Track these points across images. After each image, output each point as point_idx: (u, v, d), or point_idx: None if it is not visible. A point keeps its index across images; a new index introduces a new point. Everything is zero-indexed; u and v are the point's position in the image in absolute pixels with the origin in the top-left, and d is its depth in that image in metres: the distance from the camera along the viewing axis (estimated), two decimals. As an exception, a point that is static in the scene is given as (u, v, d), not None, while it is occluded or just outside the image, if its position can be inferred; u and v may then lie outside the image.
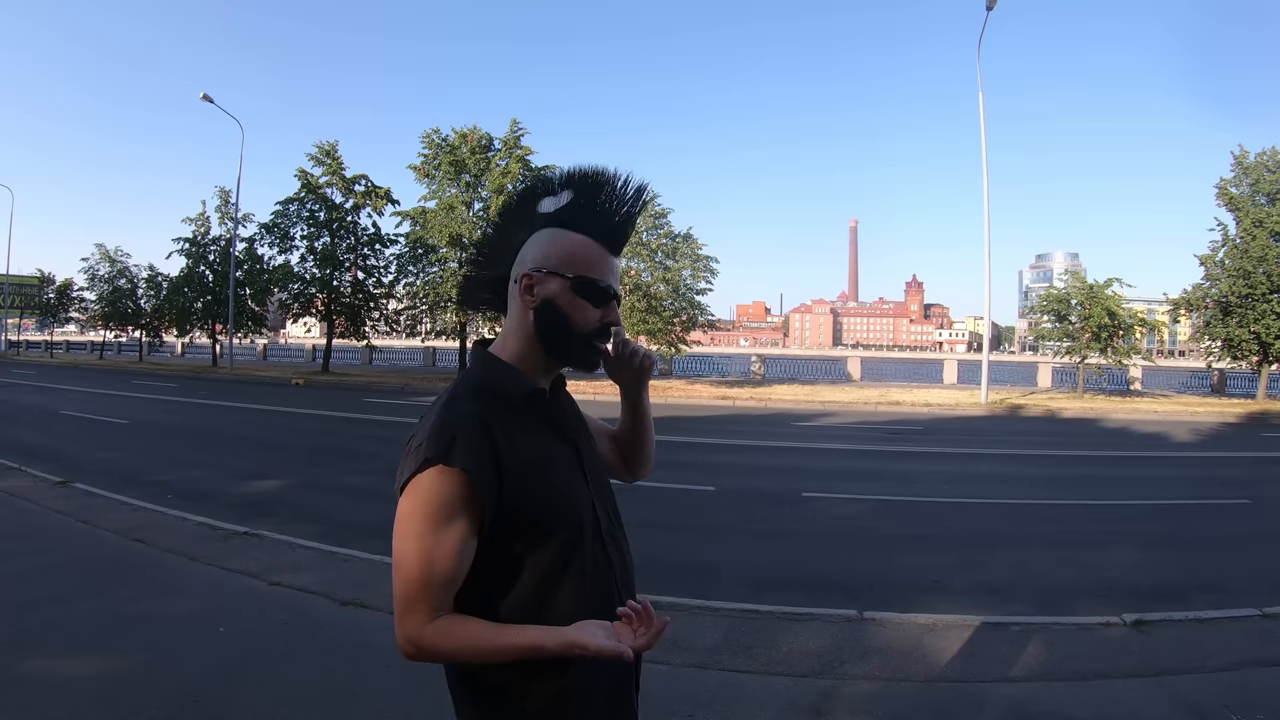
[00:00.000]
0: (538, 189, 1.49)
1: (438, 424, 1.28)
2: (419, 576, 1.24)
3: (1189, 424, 20.15)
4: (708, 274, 30.33)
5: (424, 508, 1.24)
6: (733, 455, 13.65)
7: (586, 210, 1.44)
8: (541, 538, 1.33)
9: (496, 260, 1.50)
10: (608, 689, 1.44)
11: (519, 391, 1.39)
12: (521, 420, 1.37)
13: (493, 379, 1.39)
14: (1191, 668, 4.50)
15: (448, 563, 1.25)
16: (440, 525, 1.24)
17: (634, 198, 1.46)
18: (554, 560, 1.34)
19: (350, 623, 5.00)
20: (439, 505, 1.24)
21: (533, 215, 1.47)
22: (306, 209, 34.17)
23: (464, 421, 1.28)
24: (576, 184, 1.45)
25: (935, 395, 25.88)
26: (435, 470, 1.24)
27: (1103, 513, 9.05)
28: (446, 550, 1.25)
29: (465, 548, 1.27)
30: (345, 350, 42.16)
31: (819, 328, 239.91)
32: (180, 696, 3.86)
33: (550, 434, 1.42)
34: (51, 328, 58.69)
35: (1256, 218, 26.34)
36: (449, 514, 1.24)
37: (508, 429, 1.32)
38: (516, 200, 1.51)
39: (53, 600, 5.19)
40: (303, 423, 17.64)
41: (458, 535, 1.26)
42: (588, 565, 1.39)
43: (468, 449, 1.25)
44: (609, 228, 1.45)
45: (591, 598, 1.38)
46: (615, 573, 1.47)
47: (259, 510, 8.14)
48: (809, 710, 3.91)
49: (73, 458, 11.23)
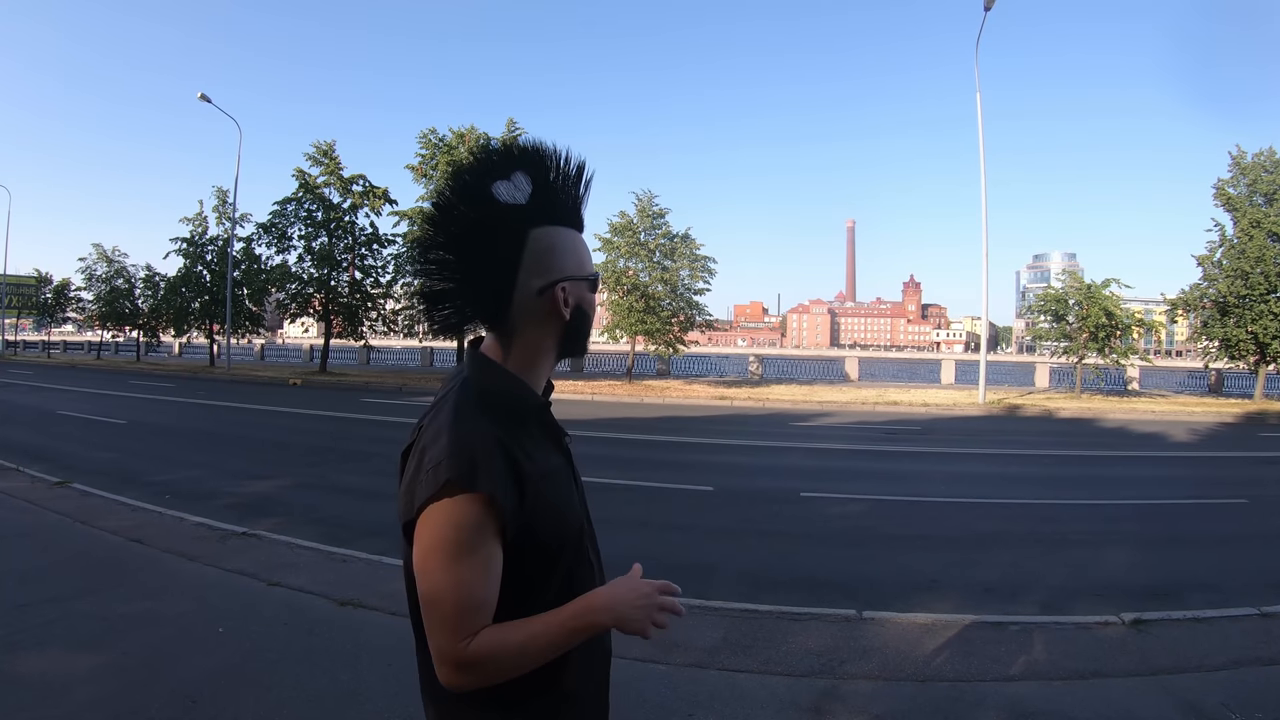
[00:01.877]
0: (482, 172, 1.34)
1: (454, 444, 1.22)
2: (454, 608, 1.20)
3: (1186, 424, 20.19)
4: (705, 274, 30.30)
5: (454, 534, 1.19)
6: (731, 455, 13.65)
7: (551, 197, 1.36)
8: (554, 550, 1.32)
9: (482, 266, 1.33)
10: (594, 691, 1.43)
11: (530, 406, 1.36)
12: (531, 435, 1.34)
13: (500, 391, 1.33)
14: (1190, 667, 4.51)
15: (483, 588, 1.21)
16: (472, 552, 1.20)
17: (578, 177, 1.40)
18: (564, 570, 1.34)
19: (349, 623, 4.99)
20: (469, 532, 1.19)
21: (490, 203, 1.32)
22: (304, 209, 34.08)
23: (481, 441, 1.23)
24: (527, 165, 1.35)
25: (933, 395, 25.89)
26: (461, 497, 1.19)
27: (1100, 512, 9.06)
28: (480, 576, 1.21)
29: (496, 568, 1.23)
30: (343, 350, 42.14)
31: (816, 328, 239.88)
32: (179, 697, 3.86)
33: (551, 445, 1.40)
34: (49, 328, 58.73)
35: (1254, 218, 26.38)
36: (479, 539, 1.20)
37: (521, 445, 1.29)
38: (466, 190, 1.34)
39: (51, 601, 5.19)
40: (300, 423, 17.62)
41: (489, 558, 1.22)
42: (584, 570, 1.39)
43: (490, 471, 1.21)
44: (576, 213, 1.41)
45: None
46: (596, 573, 1.45)
47: (257, 510, 8.14)
48: (808, 709, 3.92)
49: (70, 458, 11.22)
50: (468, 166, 1.37)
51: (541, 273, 1.34)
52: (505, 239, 1.33)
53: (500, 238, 1.33)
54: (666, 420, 18.51)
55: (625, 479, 10.04)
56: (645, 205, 29.87)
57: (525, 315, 1.35)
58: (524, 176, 1.34)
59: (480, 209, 1.32)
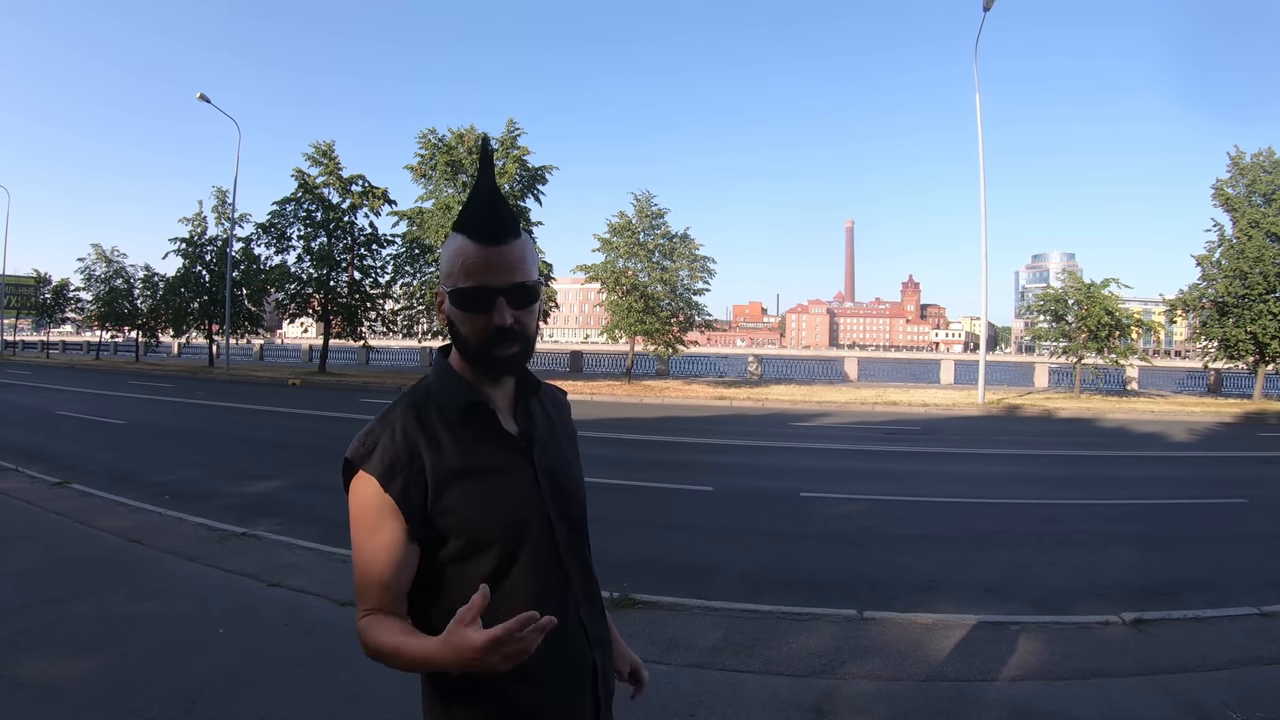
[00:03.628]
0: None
1: (368, 429, 1.35)
2: (358, 573, 1.32)
3: (1186, 424, 20.19)
4: (705, 274, 30.29)
5: (354, 509, 1.32)
6: (730, 455, 13.65)
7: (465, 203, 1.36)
8: (471, 550, 1.32)
9: None
10: (565, 703, 1.40)
11: (455, 403, 1.38)
12: (457, 431, 1.36)
13: (436, 389, 1.41)
14: (1190, 666, 4.51)
15: (378, 565, 1.30)
16: (368, 528, 1.30)
17: (482, 172, 1.36)
18: (489, 573, 1.31)
19: (349, 623, 4.95)
20: (363, 508, 1.31)
21: None
22: (303, 209, 34.08)
23: (390, 430, 1.33)
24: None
25: (932, 395, 25.90)
26: (358, 475, 1.31)
27: (1100, 512, 9.06)
28: (376, 552, 1.30)
29: (396, 554, 1.30)
30: (342, 350, 42.12)
31: (816, 328, 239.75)
32: (179, 698, 3.85)
33: (492, 444, 1.38)
34: (48, 328, 58.76)
35: (1252, 218, 26.42)
36: (374, 518, 1.30)
37: (437, 440, 1.34)
38: None
39: (50, 601, 5.18)
40: (300, 423, 17.63)
41: (385, 540, 1.29)
42: (532, 579, 1.36)
43: (383, 458, 1.30)
44: (476, 217, 1.34)
45: (538, 611, 1.27)
46: (574, 585, 1.43)
47: (257, 511, 8.14)
48: (810, 710, 3.91)
49: (69, 458, 11.21)
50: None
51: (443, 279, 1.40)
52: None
53: None
54: (666, 420, 18.52)
55: (624, 479, 10.03)
56: (644, 205, 29.86)
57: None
58: None
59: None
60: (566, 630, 1.38)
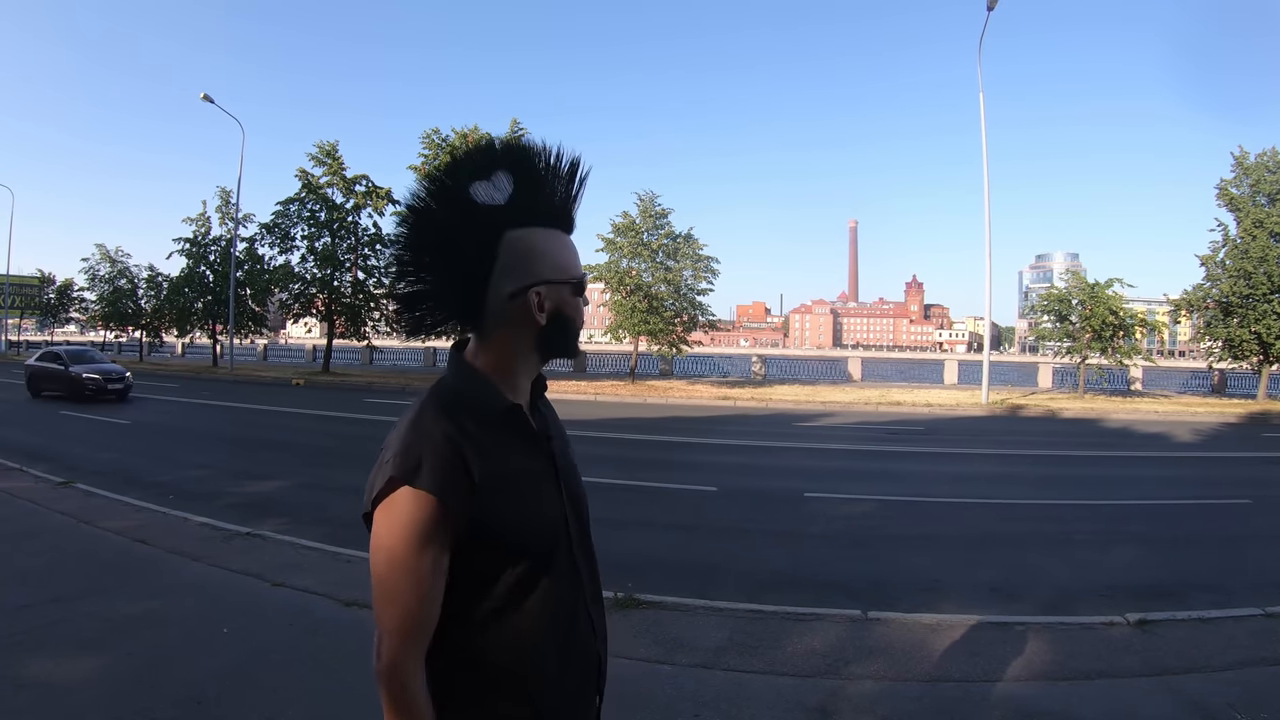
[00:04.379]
0: (459, 173, 1.33)
1: (405, 442, 1.23)
2: (401, 603, 1.21)
3: (1190, 424, 20.16)
4: (709, 274, 30.28)
5: (404, 532, 1.19)
6: (734, 455, 13.64)
7: (534, 198, 1.34)
8: (510, 556, 1.28)
9: (454, 269, 1.32)
10: (569, 700, 1.39)
11: (494, 408, 1.32)
12: (494, 436, 1.30)
13: (467, 392, 1.32)
14: (1195, 667, 4.50)
15: (430, 593, 1.22)
16: (423, 551, 1.20)
17: (570, 174, 1.38)
18: (522, 578, 1.29)
19: (353, 623, 4.98)
20: (417, 531, 1.19)
21: (465, 205, 1.31)
22: (307, 209, 34.12)
23: (432, 441, 1.23)
24: (510, 165, 1.34)
25: (936, 395, 25.88)
26: (404, 493, 1.19)
27: (1104, 512, 9.05)
28: (425, 578, 1.21)
29: (441, 578, 1.23)
30: (346, 350, 42.16)
31: (819, 328, 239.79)
32: (184, 698, 3.86)
33: (524, 448, 1.35)
34: (52, 328, 58.84)
35: (1257, 218, 26.36)
36: (427, 539, 1.20)
37: (480, 446, 1.26)
38: (442, 191, 1.33)
39: (55, 601, 5.19)
40: (304, 423, 17.65)
41: (434, 564, 1.22)
42: (557, 581, 1.35)
43: (436, 470, 1.20)
44: (564, 213, 1.38)
45: (556, 613, 1.33)
46: (584, 584, 1.42)
47: (261, 511, 8.15)
48: (814, 710, 3.91)
49: (74, 458, 11.24)
50: (444, 166, 1.35)
51: (515, 277, 1.31)
52: (477, 241, 1.31)
53: (472, 240, 1.30)
54: (669, 420, 18.50)
55: (628, 479, 10.03)
56: (648, 205, 29.85)
57: (499, 318, 1.33)
58: (505, 176, 1.32)
59: (454, 208, 1.31)
60: (577, 628, 1.37)
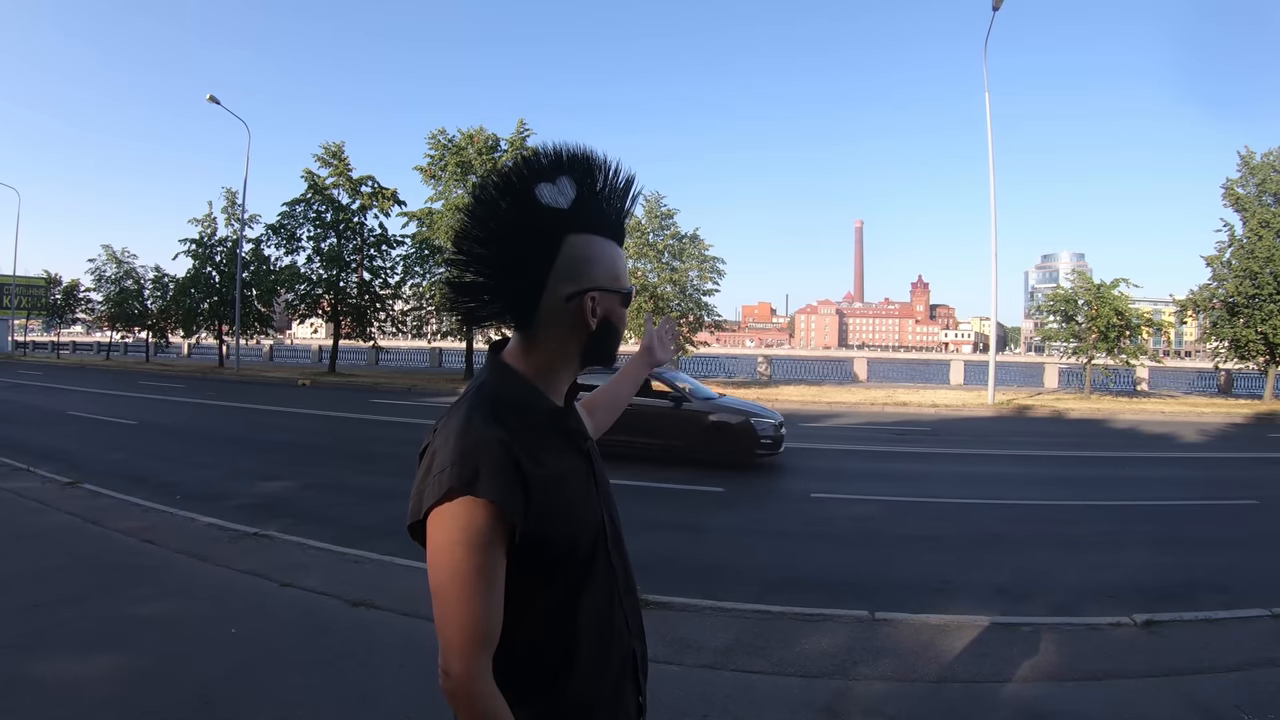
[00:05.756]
0: (527, 174, 1.34)
1: (460, 450, 1.21)
2: (484, 617, 1.20)
3: (1196, 425, 20.11)
4: (714, 275, 30.33)
5: (468, 542, 1.18)
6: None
7: (594, 207, 1.36)
8: (561, 557, 1.29)
9: (514, 265, 1.34)
10: (611, 695, 1.40)
11: (542, 411, 1.34)
12: (542, 439, 1.31)
13: (513, 397, 1.32)
14: (1202, 668, 4.50)
15: (495, 604, 1.21)
16: (487, 560, 1.19)
17: (625, 190, 1.41)
18: (572, 577, 1.31)
19: (361, 623, 5.00)
20: (481, 540, 1.19)
21: (531, 205, 1.33)
22: (313, 210, 34.26)
23: (487, 447, 1.21)
24: (575, 172, 1.35)
25: (942, 396, 25.83)
26: (464, 502, 1.18)
27: (1111, 513, 9.04)
28: (496, 583, 1.21)
29: (502, 577, 1.23)
30: (351, 351, 42.25)
31: (824, 328, 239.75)
32: (193, 698, 3.87)
33: (569, 450, 1.37)
34: (58, 328, 58.94)
35: (1263, 218, 26.29)
36: (490, 547, 1.19)
37: (531, 451, 1.26)
38: (509, 189, 1.34)
39: (64, 601, 5.21)
40: (310, 424, 17.68)
41: (498, 566, 1.21)
42: (596, 578, 1.36)
43: (494, 478, 1.19)
44: (619, 225, 1.42)
45: (597, 609, 1.35)
46: (619, 580, 1.43)
47: (268, 511, 8.17)
48: (822, 710, 3.92)
49: (81, 458, 11.27)
50: (514, 165, 1.36)
51: (573, 280, 1.33)
52: (541, 241, 1.33)
53: (536, 239, 1.33)
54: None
55: (635, 479, 10.02)
56: (653, 206, 29.91)
57: (551, 320, 1.35)
58: (569, 182, 1.34)
59: (521, 207, 1.32)
60: (614, 624, 1.38)
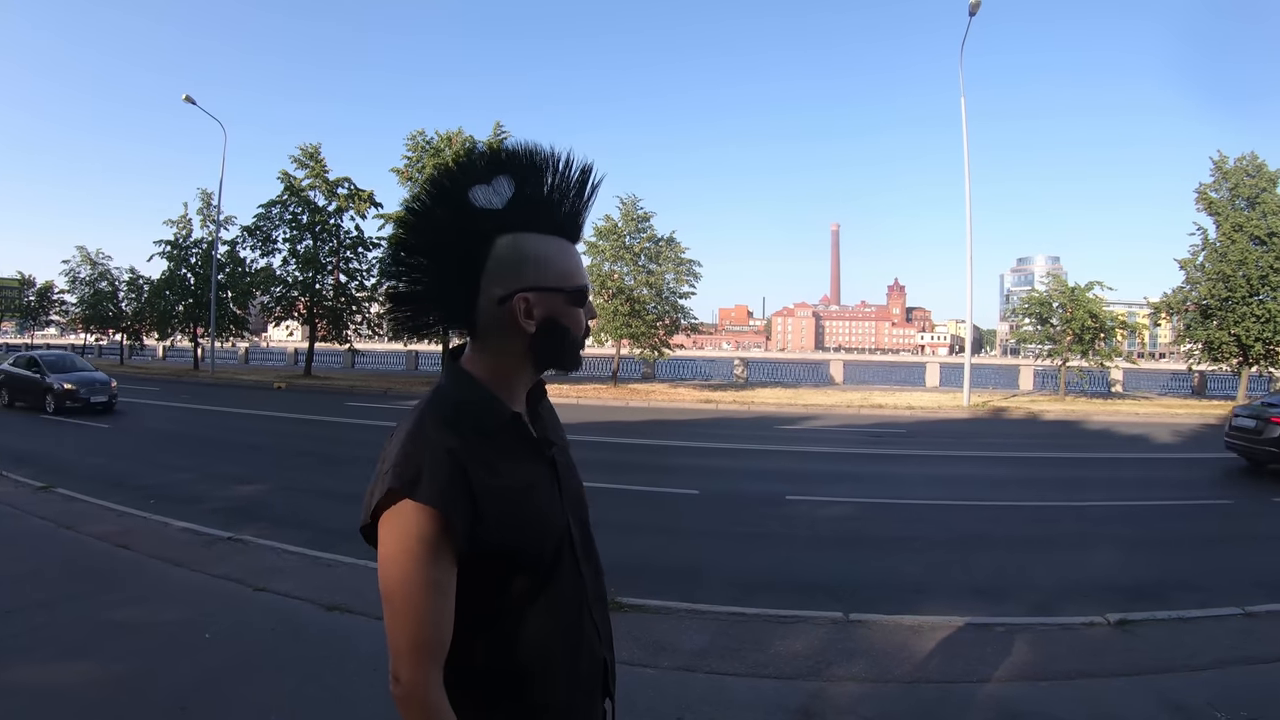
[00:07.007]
0: (460, 177, 1.32)
1: (405, 453, 1.21)
2: (413, 622, 1.20)
3: (1170, 425, 20.33)
4: (690, 277, 30.35)
5: (411, 547, 1.18)
6: (716, 459, 13.68)
7: (539, 204, 1.32)
8: (515, 565, 1.26)
9: (446, 271, 1.31)
10: (582, 701, 1.39)
11: (496, 418, 1.30)
12: (496, 446, 1.28)
13: (467, 401, 1.30)
14: (1175, 667, 4.55)
15: (441, 610, 1.20)
16: (431, 565, 1.18)
17: (581, 183, 1.35)
18: (528, 586, 1.28)
19: (336, 627, 4.97)
20: (423, 545, 1.18)
21: (462, 208, 1.30)
22: (289, 212, 33.93)
23: (433, 453, 1.20)
24: (515, 171, 1.31)
25: (918, 398, 25.98)
26: (409, 507, 1.17)
27: (1085, 514, 9.12)
28: (436, 593, 1.19)
29: (451, 594, 1.22)
30: (327, 354, 41.88)
31: (801, 331, 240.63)
32: (169, 704, 3.83)
33: (526, 456, 1.34)
34: (32, 330, 58.17)
35: (1236, 222, 26.61)
36: (435, 552, 1.18)
37: (483, 458, 1.24)
38: (442, 193, 1.32)
39: (36, 607, 5.14)
40: (285, 426, 17.55)
41: (445, 579, 1.20)
42: (561, 586, 1.34)
43: (437, 485, 1.18)
44: (571, 222, 1.36)
45: (562, 618, 1.33)
46: (587, 588, 1.41)
47: (243, 515, 8.10)
48: (797, 712, 3.93)
49: (54, 462, 11.13)
50: (446, 168, 1.34)
51: (503, 282, 1.29)
52: (468, 245, 1.30)
53: (463, 243, 1.30)
54: (652, 424, 18.54)
55: (611, 482, 10.00)
56: (630, 209, 29.89)
57: (491, 324, 1.32)
58: (506, 181, 1.31)
59: (448, 212, 1.30)
60: (583, 633, 1.37)
